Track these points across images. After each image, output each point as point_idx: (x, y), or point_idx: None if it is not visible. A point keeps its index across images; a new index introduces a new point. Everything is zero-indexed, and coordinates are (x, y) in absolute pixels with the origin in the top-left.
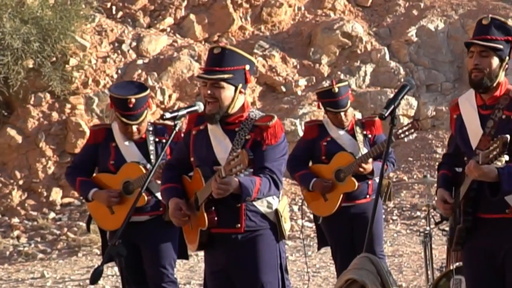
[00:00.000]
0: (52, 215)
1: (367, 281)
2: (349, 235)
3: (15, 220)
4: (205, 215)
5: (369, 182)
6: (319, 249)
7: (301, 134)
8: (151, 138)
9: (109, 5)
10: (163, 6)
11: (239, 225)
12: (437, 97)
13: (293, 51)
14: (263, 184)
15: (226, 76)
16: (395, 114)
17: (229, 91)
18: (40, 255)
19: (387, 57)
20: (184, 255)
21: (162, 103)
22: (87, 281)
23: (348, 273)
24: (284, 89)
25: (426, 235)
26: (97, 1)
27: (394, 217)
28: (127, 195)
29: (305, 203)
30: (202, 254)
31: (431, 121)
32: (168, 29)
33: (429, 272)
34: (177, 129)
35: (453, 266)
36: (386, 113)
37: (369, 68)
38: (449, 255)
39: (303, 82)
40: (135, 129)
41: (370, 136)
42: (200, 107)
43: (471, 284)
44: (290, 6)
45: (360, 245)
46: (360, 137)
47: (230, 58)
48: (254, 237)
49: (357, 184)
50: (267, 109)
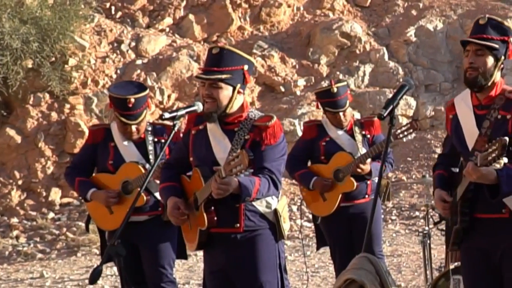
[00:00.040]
0: (51, 215)
1: (366, 281)
2: (348, 235)
3: (14, 220)
4: (205, 215)
5: (368, 182)
6: (318, 249)
7: (300, 134)
8: (150, 138)
9: (108, 5)
10: (162, 6)
11: (238, 225)
12: (436, 97)
13: (292, 51)
14: (263, 184)
15: (223, 77)
16: (394, 114)
17: (227, 91)
18: (39, 255)
19: (386, 57)
20: (183, 255)
21: (161, 103)
22: (86, 281)
23: (347, 273)
24: (283, 89)
25: (425, 235)
26: (96, 1)
27: (393, 217)
28: (126, 195)
29: (304, 203)
30: (201, 254)
31: (430, 121)
32: (167, 29)
33: (428, 272)
34: (176, 129)
35: (452, 266)
36: (385, 113)
37: (368, 68)
38: (448, 255)
39: (302, 82)
40: (134, 129)
41: (369, 136)
42: (199, 107)
43: (469, 284)
44: (289, 6)
45: (359, 245)
46: (359, 137)
47: (228, 58)
48: (253, 237)
49: (355, 184)
50: (266, 109)
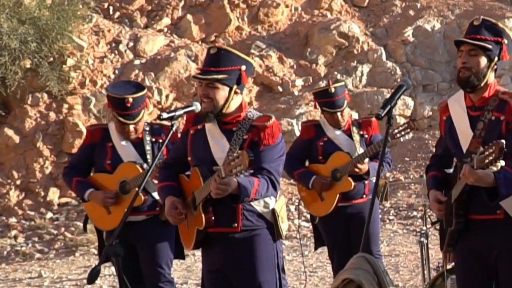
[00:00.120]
0: (49, 215)
1: (363, 280)
2: (345, 235)
3: (13, 220)
4: (203, 214)
5: (366, 182)
6: (316, 249)
7: (298, 134)
8: (148, 138)
9: (106, 5)
10: (160, 6)
11: (235, 225)
12: (433, 97)
13: (289, 51)
14: (261, 185)
15: (220, 77)
16: (391, 114)
17: (223, 91)
18: (38, 255)
19: (383, 57)
20: (181, 255)
21: (159, 103)
22: (85, 280)
23: (344, 272)
24: (281, 89)
25: (422, 235)
26: (94, 1)
27: (391, 217)
28: (124, 195)
29: (301, 203)
30: (199, 253)
31: (427, 121)
32: (165, 30)
33: (425, 272)
34: (174, 129)
35: (449, 266)
36: (383, 113)
37: (365, 68)
38: (445, 255)
39: (299, 82)
40: (132, 128)
41: (366, 136)
42: (197, 107)
43: (463, 285)
44: (287, 6)
45: (357, 245)
46: (356, 137)
47: (226, 59)
48: (251, 236)
49: (353, 184)
50: (264, 109)
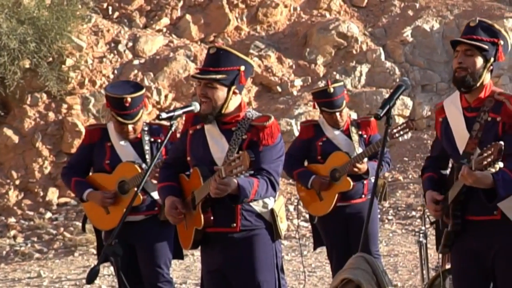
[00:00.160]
0: (48, 215)
1: (362, 280)
2: (344, 235)
3: (12, 220)
4: (202, 214)
5: (365, 182)
6: (314, 248)
7: (296, 134)
8: (147, 138)
9: (105, 5)
10: (159, 6)
11: (234, 225)
12: (432, 97)
13: (288, 51)
14: (261, 186)
15: (218, 77)
16: (390, 114)
17: (221, 91)
18: (37, 255)
19: (382, 57)
20: (179, 255)
21: (158, 103)
22: (84, 280)
23: (343, 272)
24: (279, 89)
25: (421, 234)
26: (94, 1)
27: (390, 217)
28: (123, 195)
29: (300, 203)
30: (198, 253)
31: (426, 121)
32: (164, 30)
33: (424, 272)
34: (173, 129)
35: (448, 266)
36: (382, 113)
37: (364, 68)
38: (444, 255)
39: (298, 82)
40: (130, 128)
41: (365, 136)
42: (196, 107)
43: (459, 285)
44: (285, 6)
45: (356, 244)
46: (355, 137)
47: (225, 59)
48: (250, 236)
49: (352, 183)
50: (263, 109)
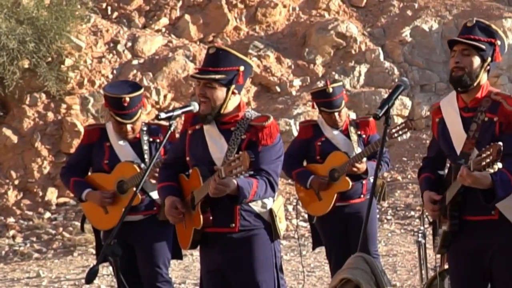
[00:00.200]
0: (47, 214)
1: (361, 280)
2: (343, 235)
3: (11, 220)
4: (201, 214)
5: (364, 182)
6: (313, 248)
7: (295, 134)
8: (145, 138)
9: (104, 5)
10: (158, 6)
11: (233, 225)
12: (431, 97)
13: (287, 51)
14: (260, 187)
15: (217, 77)
16: (389, 114)
17: (221, 91)
18: (36, 255)
19: (381, 57)
20: (178, 255)
21: (157, 103)
22: (83, 280)
23: (342, 272)
24: (278, 89)
25: (420, 234)
26: (93, 1)
27: (388, 217)
28: (121, 194)
29: (299, 203)
30: (197, 253)
31: (425, 121)
32: (163, 30)
33: (423, 272)
34: (172, 129)
35: (447, 266)
36: (380, 113)
37: (363, 68)
38: (443, 255)
39: (297, 82)
40: (129, 128)
41: (364, 136)
42: (195, 107)
43: (457, 285)
44: (284, 6)
45: (355, 244)
46: (354, 137)
47: (224, 59)
48: (249, 236)
49: (351, 183)
50: (262, 109)
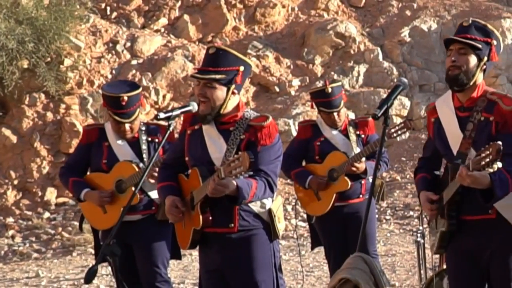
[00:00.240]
0: (46, 214)
1: (360, 280)
2: (342, 235)
3: (10, 220)
4: (200, 215)
5: (362, 182)
6: (312, 248)
7: (294, 134)
8: (144, 137)
9: (103, 5)
10: (157, 6)
11: (232, 225)
12: (430, 97)
13: (286, 51)
14: (259, 188)
15: (218, 77)
16: (388, 114)
17: (221, 91)
18: (35, 255)
19: (380, 57)
20: (177, 255)
21: (156, 103)
22: (82, 280)
23: (341, 272)
24: (277, 89)
25: (419, 234)
26: (92, 1)
27: (387, 217)
28: (120, 194)
29: (298, 202)
30: (196, 253)
31: (424, 121)
32: (162, 30)
33: (422, 272)
34: (171, 129)
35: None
36: (379, 113)
37: (362, 68)
38: (442, 255)
39: (296, 82)
40: (127, 127)
41: (363, 136)
42: (194, 107)
43: (455, 285)
44: (283, 6)
45: (353, 244)
46: (353, 137)
47: (224, 59)
48: (248, 236)
49: (350, 183)
50: (261, 109)
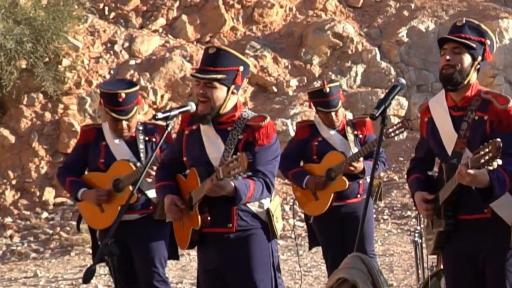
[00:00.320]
0: (45, 214)
1: (358, 280)
2: (340, 235)
3: (8, 220)
4: (199, 215)
5: (360, 182)
6: (310, 248)
7: (292, 134)
8: (141, 136)
9: (101, 5)
10: (155, 6)
11: (230, 225)
12: (427, 97)
13: (284, 51)
14: (257, 188)
15: (219, 77)
16: (386, 114)
17: (221, 91)
18: (33, 255)
19: (378, 57)
20: (175, 256)
21: (154, 103)
22: (80, 280)
23: (339, 272)
24: (275, 89)
25: (416, 234)
26: (90, 1)
27: (385, 217)
28: (117, 193)
29: (296, 202)
30: (194, 253)
31: None
32: (160, 30)
33: (419, 271)
34: (169, 129)
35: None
36: (377, 113)
37: (360, 69)
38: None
39: (294, 83)
40: (125, 125)
41: (361, 136)
42: (192, 107)
43: (452, 285)
44: (281, 6)
45: (351, 244)
46: (351, 137)
47: (224, 59)
48: (246, 236)
49: (348, 183)
50: (259, 109)
